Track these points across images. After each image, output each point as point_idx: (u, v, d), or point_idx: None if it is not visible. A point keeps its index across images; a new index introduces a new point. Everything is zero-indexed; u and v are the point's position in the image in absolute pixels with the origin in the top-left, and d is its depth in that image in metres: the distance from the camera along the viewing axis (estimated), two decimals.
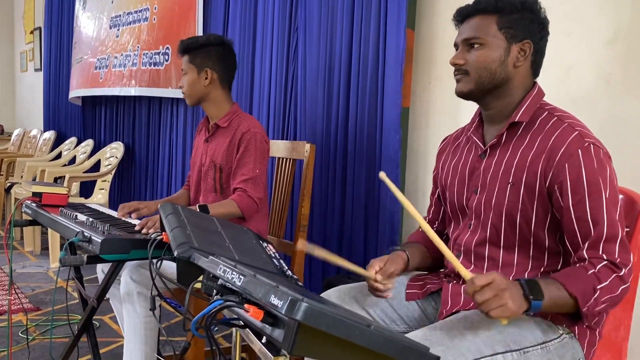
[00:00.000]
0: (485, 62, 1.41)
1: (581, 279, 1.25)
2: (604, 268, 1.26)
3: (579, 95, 2.01)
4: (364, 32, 2.65)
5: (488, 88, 1.44)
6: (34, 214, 2.22)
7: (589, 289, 1.24)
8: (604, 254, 1.27)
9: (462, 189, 1.53)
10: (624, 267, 1.26)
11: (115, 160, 4.90)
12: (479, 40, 1.42)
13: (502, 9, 1.41)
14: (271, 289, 0.94)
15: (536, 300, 1.20)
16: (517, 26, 1.41)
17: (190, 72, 2.35)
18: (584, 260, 1.29)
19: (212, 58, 2.36)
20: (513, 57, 1.41)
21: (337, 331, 0.90)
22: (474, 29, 1.43)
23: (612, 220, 1.29)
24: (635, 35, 1.87)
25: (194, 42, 2.39)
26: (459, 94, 1.48)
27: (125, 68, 4.88)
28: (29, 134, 7.16)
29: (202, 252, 1.32)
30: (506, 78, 1.42)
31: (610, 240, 1.28)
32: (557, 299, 1.24)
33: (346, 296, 1.58)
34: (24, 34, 8.25)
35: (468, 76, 1.44)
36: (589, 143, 1.32)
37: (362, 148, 2.68)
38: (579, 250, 1.31)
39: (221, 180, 2.34)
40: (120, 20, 5.03)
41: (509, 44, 1.41)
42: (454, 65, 1.47)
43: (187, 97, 2.40)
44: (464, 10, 1.47)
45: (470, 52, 1.43)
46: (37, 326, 3.05)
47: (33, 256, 4.63)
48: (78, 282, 2.20)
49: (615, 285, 1.25)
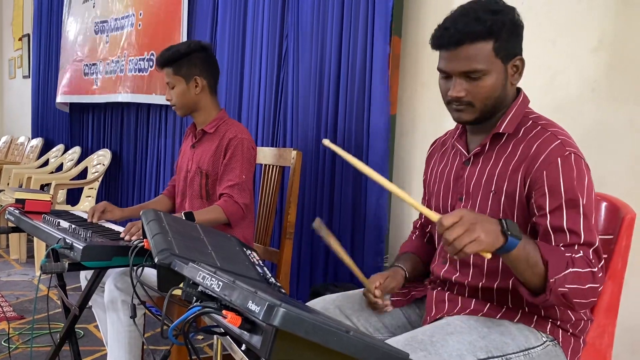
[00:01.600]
0: (490, 91, 1.36)
1: (557, 253, 1.22)
2: (580, 258, 1.23)
3: (564, 102, 2.01)
4: (352, 40, 2.66)
5: (491, 113, 1.40)
6: (17, 221, 2.19)
7: (561, 264, 1.20)
8: (581, 251, 1.25)
9: (447, 195, 1.52)
10: (598, 269, 1.24)
11: (102, 168, 4.87)
12: (481, 72, 1.33)
13: (496, 33, 1.32)
14: (249, 295, 0.93)
15: (513, 237, 1.15)
16: (509, 46, 1.35)
17: (178, 83, 2.30)
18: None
19: (197, 65, 2.32)
20: (510, 76, 1.38)
21: (315, 337, 0.89)
22: (472, 60, 1.33)
23: (589, 229, 1.27)
24: (620, 43, 1.88)
25: (175, 52, 2.31)
26: (461, 122, 1.44)
27: (114, 75, 4.86)
28: (16, 141, 7.10)
29: (183, 259, 1.30)
30: (504, 96, 1.40)
31: (585, 245, 1.26)
32: (530, 255, 1.19)
33: (330, 305, 1.57)
34: (13, 41, 8.21)
35: (472, 107, 1.38)
36: (569, 152, 1.31)
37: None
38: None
39: (207, 187, 2.33)
40: (109, 26, 5.01)
41: (505, 65, 1.36)
42: (456, 100, 1.38)
43: (179, 109, 2.36)
44: (452, 37, 1.33)
45: (471, 82, 1.35)
46: (20, 335, 3.01)
47: (18, 264, 4.58)
48: (61, 290, 2.17)
49: (586, 278, 1.21)
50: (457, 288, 1.46)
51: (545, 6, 2.05)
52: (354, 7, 2.64)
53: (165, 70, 2.32)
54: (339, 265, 2.76)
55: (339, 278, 2.77)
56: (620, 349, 1.61)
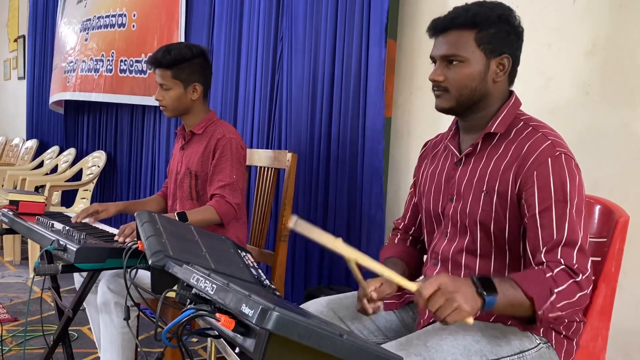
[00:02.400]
0: (466, 80, 1.39)
1: (537, 281, 1.22)
2: (561, 272, 1.23)
3: (558, 106, 2.02)
4: (347, 43, 2.66)
5: (468, 104, 1.43)
6: (11, 222, 2.18)
7: (545, 291, 1.21)
8: (562, 258, 1.25)
9: (438, 196, 1.52)
10: (582, 274, 1.24)
11: (97, 169, 4.86)
12: (459, 58, 1.39)
13: (479, 24, 1.37)
14: (243, 298, 0.93)
15: (489, 296, 1.17)
16: (495, 41, 1.39)
17: (175, 87, 2.28)
18: (541, 264, 1.27)
19: (197, 72, 2.31)
20: (492, 72, 1.40)
21: (308, 341, 0.89)
22: (453, 45, 1.39)
23: (573, 227, 1.27)
24: (614, 46, 1.89)
25: (178, 56, 2.27)
26: (439, 109, 1.47)
27: (97, 73, 4.84)
28: (10, 142, 7.09)
29: (177, 261, 1.30)
30: (486, 93, 1.41)
31: (568, 245, 1.26)
32: (512, 298, 1.20)
33: (324, 308, 1.56)
34: (8, 42, 8.19)
35: (448, 93, 1.42)
36: (560, 152, 1.32)
37: (344, 158, 2.68)
38: (537, 255, 1.29)
39: (197, 188, 2.32)
40: (90, 24, 5.00)
41: (488, 59, 1.39)
42: (433, 82, 1.44)
43: (170, 111, 2.33)
44: (440, 23, 1.42)
45: (450, 68, 1.40)
46: (13, 337, 3.00)
47: (12, 266, 4.57)
48: (54, 292, 2.17)
49: (572, 291, 1.22)
50: None
51: (540, 10, 2.06)
52: (349, 10, 2.65)
53: (161, 71, 2.28)
54: (333, 268, 2.76)
55: (333, 280, 2.77)
56: (613, 351, 1.61)
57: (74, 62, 5.21)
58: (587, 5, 1.95)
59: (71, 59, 5.28)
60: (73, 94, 5.22)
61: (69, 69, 5.31)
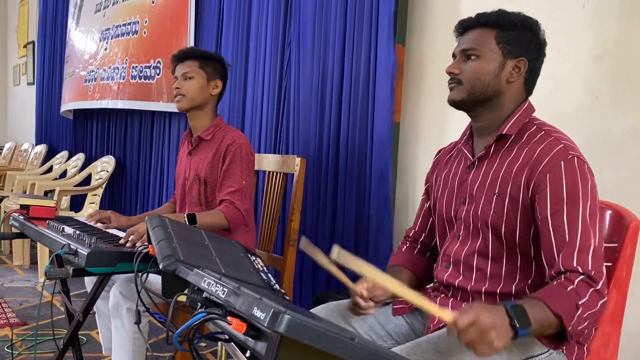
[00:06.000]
0: (479, 73, 1.43)
1: (561, 297, 1.22)
2: (581, 283, 1.23)
3: (567, 110, 2.01)
4: (355, 47, 2.66)
5: (479, 99, 1.45)
6: (21, 227, 2.20)
7: (571, 307, 1.21)
8: (579, 265, 1.25)
9: (451, 199, 1.54)
10: (600, 280, 1.24)
11: (106, 174, 4.88)
12: (476, 52, 1.44)
13: (502, 24, 1.43)
14: (254, 301, 0.93)
15: (523, 328, 1.16)
16: (514, 43, 1.43)
17: (198, 77, 2.33)
18: (560, 273, 1.27)
19: (220, 72, 2.40)
20: (507, 72, 1.43)
21: (320, 344, 0.89)
22: (473, 40, 1.45)
23: (586, 231, 1.27)
24: (622, 51, 1.88)
25: (206, 52, 2.42)
26: (451, 102, 1.50)
27: (113, 81, 4.88)
28: (20, 147, 7.13)
29: (188, 265, 1.31)
30: (498, 91, 1.44)
31: (583, 251, 1.26)
32: (542, 320, 1.19)
33: (334, 313, 1.57)
34: (18, 48, 8.25)
35: (461, 85, 1.45)
36: (572, 156, 1.33)
37: (353, 162, 2.68)
38: (554, 263, 1.29)
39: (206, 194, 2.34)
40: (109, 33, 5.04)
41: (505, 59, 1.43)
42: (449, 74, 1.48)
43: (187, 101, 2.33)
44: (466, 22, 1.50)
45: (467, 62, 1.45)
46: (23, 341, 3.01)
47: (22, 270, 4.59)
48: (64, 296, 2.18)
49: (594, 300, 1.23)
50: (461, 294, 1.47)
51: (549, 14, 2.05)
52: (357, 15, 2.65)
53: (189, 62, 2.35)
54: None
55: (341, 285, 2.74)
56: (624, 357, 1.60)
57: (95, 71, 5.24)
58: (596, 10, 1.95)
59: (92, 68, 5.30)
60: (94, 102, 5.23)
61: (90, 77, 5.33)
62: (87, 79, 5.37)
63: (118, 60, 4.83)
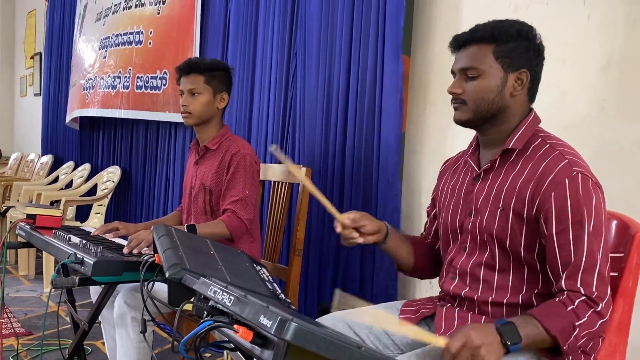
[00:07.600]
0: (482, 92, 1.42)
1: (560, 316, 1.24)
2: (581, 304, 1.25)
3: (573, 121, 2.01)
4: (361, 58, 2.67)
5: (485, 117, 1.44)
6: (28, 236, 2.20)
7: (567, 327, 1.24)
8: (582, 286, 1.27)
9: (457, 210, 1.54)
10: (601, 302, 1.26)
11: (112, 185, 4.89)
12: (476, 71, 1.42)
13: (498, 38, 1.41)
14: (261, 309, 0.94)
15: (513, 345, 1.21)
16: (513, 55, 1.41)
17: (205, 92, 2.33)
18: (562, 292, 1.29)
19: (226, 83, 2.40)
20: (510, 86, 1.42)
21: (327, 352, 0.89)
22: (471, 58, 1.43)
23: (592, 251, 1.28)
24: (628, 61, 1.89)
25: (213, 63, 2.38)
26: (457, 122, 1.49)
27: (114, 90, 4.90)
28: (26, 157, 7.16)
29: (194, 274, 1.31)
30: (503, 106, 1.43)
31: (588, 271, 1.27)
32: (535, 337, 1.23)
33: (339, 322, 1.57)
34: (25, 59, 8.31)
35: (466, 105, 1.44)
36: (577, 172, 1.32)
37: (359, 172, 2.68)
38: (559, 281, 1.31)
39: (211, 203, 2.34)
40: (108, 42, 5.07)
41: (506, 73, 1.41)
42: (451, 94, 1.47)
43: (195, 118, 2.34)
44: (461, 37, 1.47)
45: (468, 81, 1.44)
46: (28, 351, 3.01)
47: (27, 280, 4.60)
48: (70, 305, 2.18)
49: (593, 320, 1.26)
50: (467, 304, 1.47)
51: (554, 25, 2.06)
52: (364, 26, 2.66)
53: (194, 76, 2.34)
54: (347, 282, 2.75)
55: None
56: None
57: (92, 79, 5.28)
58: (601, 20, 1.95)
59: (90, 76, 5.35)
60: (92, 110, 5.27)
61: (88, 86, 5.37)
62: (86, 87, 5.42)
63: (120, 70, 4.85)
